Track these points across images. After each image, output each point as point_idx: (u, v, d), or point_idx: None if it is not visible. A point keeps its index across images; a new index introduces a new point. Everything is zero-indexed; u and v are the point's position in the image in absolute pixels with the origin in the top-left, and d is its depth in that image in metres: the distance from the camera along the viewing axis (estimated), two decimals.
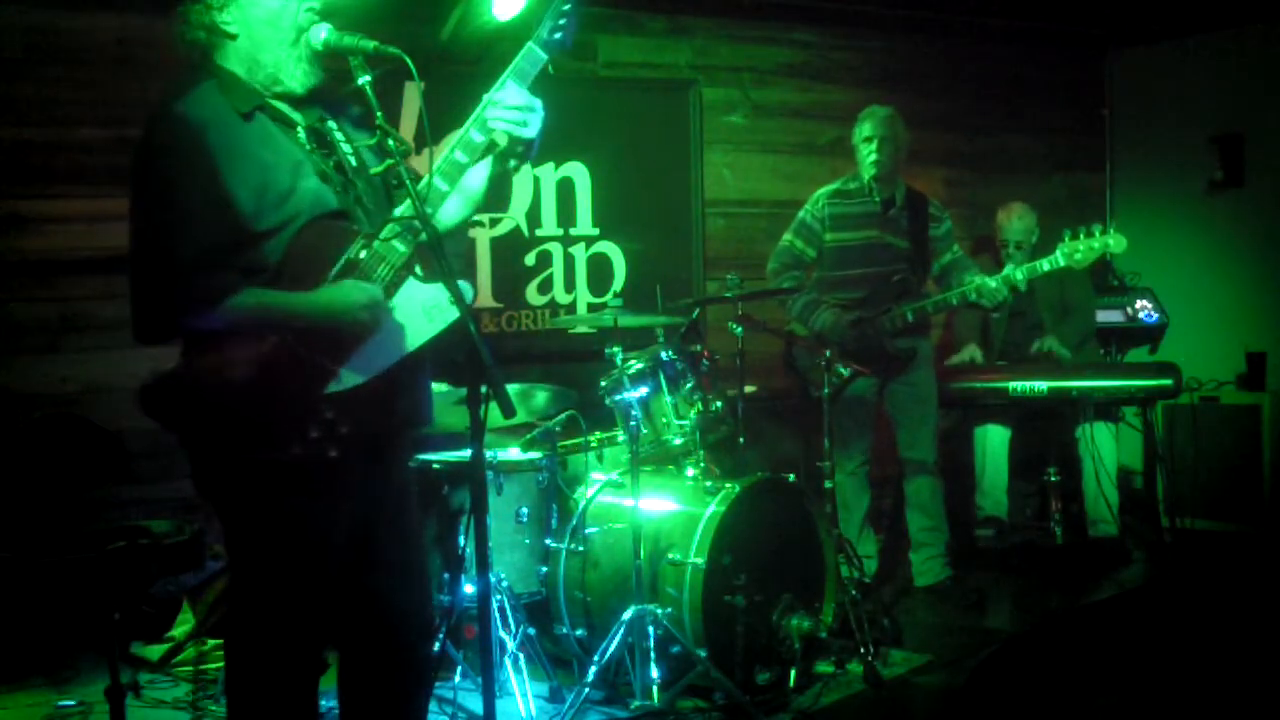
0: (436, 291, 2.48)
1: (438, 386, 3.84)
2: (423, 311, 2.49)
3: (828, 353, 4.41)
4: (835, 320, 5.01)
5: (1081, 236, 4.82)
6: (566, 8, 2.55)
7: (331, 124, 2.62)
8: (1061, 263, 4.82)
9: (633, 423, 3.92)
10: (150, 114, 2.44)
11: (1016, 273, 4.88)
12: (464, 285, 2.42)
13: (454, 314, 2.44)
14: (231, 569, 2.64)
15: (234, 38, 2.50)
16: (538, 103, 2.57)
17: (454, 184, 2.57)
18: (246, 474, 2.42)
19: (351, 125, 2.67)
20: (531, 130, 2.58)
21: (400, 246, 2.49)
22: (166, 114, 2.41)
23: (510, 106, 2.54)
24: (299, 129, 2.55)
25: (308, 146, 2.54)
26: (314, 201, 2.46)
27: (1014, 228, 5.80)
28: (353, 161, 2.61)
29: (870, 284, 5.04)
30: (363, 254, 2.47)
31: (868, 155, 5.04)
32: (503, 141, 2.63)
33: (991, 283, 4.88)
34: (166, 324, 2.41)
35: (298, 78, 2.53)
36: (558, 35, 2.56)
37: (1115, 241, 4.81)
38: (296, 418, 2.38)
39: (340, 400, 2.41)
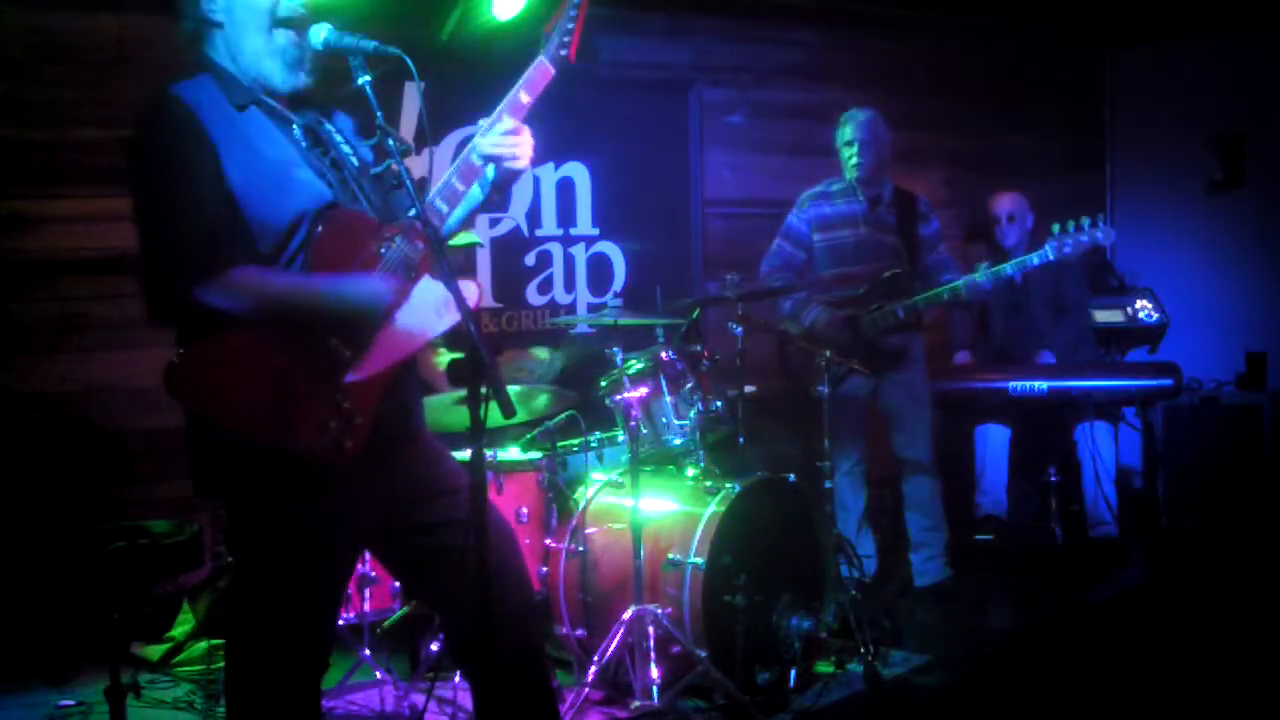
0: (447, 290, 2.50)
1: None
2: (434, 308, 2.52)
3: (828, 353, 4.41)
4: (829, 318, 5.01)
5: (1071, 230, 4.83)
6: (571, 26, 2.58)
7: (329, 126, 2.63)
8: (1050, 256, 4.82)
9: (633, 423, 3.92)
10: (146, 97, 2.44)
11: (1005, 267, 4.91)
12: (468, 285, 2.45)
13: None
14: (235, 566, 2.63)
15: (220, 26, 2.51)
16: (528, 131, 2.60)
17: (453, 207, 2.60)
18: (255, 469, 2.41)
19: (351, 131, 2.69)
20: (523, 161, 2.60)
21: (419, 244, 2.52)
22: (162, 94, 2.43)
23: (505, 133, 2.57)
24: (294, 126, 2.56)
25: (303, 143, 2.55)
26: (310, 194, 2.47)
27: (1004, 202, 5.85)
28: (354, 161, 2.62)
29: (863, 281, 5.05)
30: (383, 250, 2.50)
31: (850, 159, 5.06)
32: (492, 173, 2.65)
33: (979, 277, 4.89)
34: (175, 296, 2.37)
35: (277, 73, 2.52)
36: (564, 51, 2.59)
37: (1104, 234, 4.82)
38: (316, 407, 2.38)
39: (356, 391, 2.42)
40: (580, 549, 4.03)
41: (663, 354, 4.13)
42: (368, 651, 3.88)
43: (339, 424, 2.39)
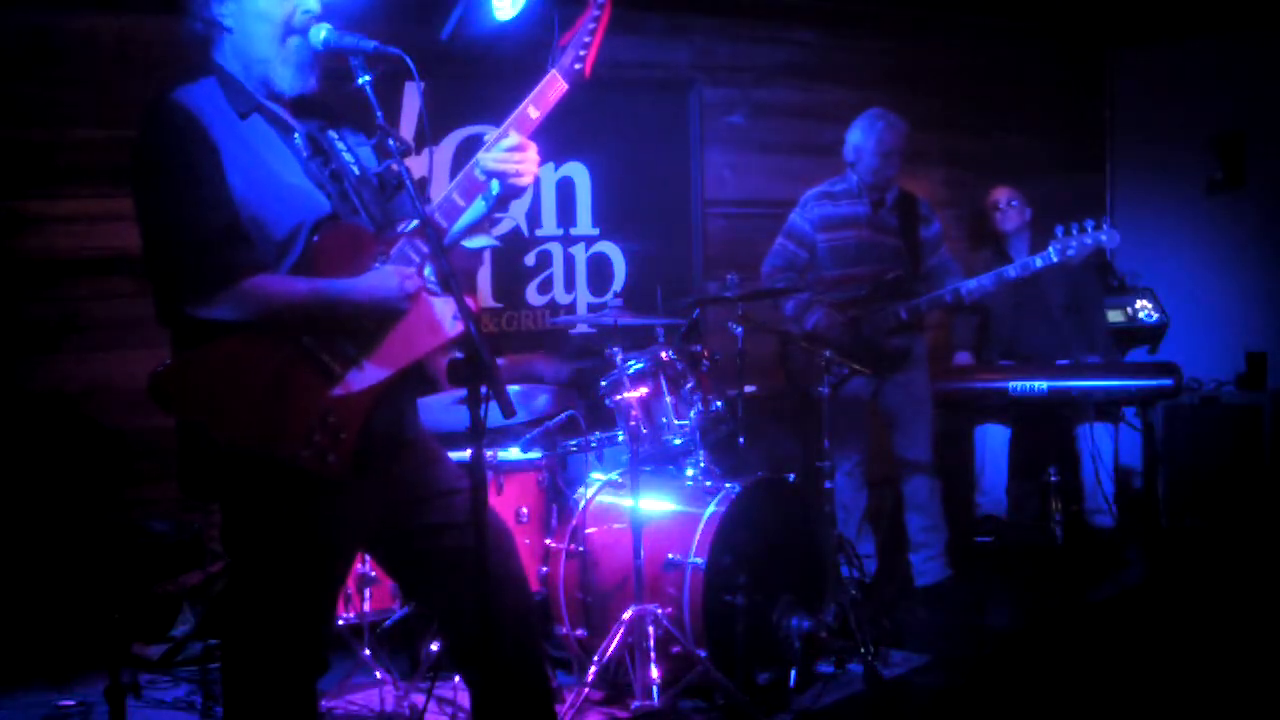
0: (442, 304, 2.49)
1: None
2: (427, 323, 2.50)
3: (828, 353, 4.41)
4: (830, 320, 5.01)
5: (1074, 232, 4.83)
6: (589, 39, 2.55)
7: (332, 134, 2.62)
8: (1054, 259, 4.82)
9: (633, 423, 3.92)
10: (149, 99, 2.43)
11: (1009, 270, 4.91)
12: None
13: (458, 328, 2.44)
14: (230, 566, 2.62)
15: (229, 31, 2.50)
16: (534, 148, 2.56)
17: (453, 222, 2.58)
18: (246, 474, 2.41)
19: (354, 137, 2.67)
20: (527, 179, 2.56)
21: (413, 255, 2.50)
22: (165, 99, 2.42)
23: (510, 149, 2.53)
24: (296, 135, 2.55)
25: (305, 153, 2.54)
26: (309, 205, 2.46)
27: (1002, 191, 5.90)
28: (355, 171, 2.60)
29: (866, 283, 5.05)
30: (381, 262, 2.49)
31: (885, 168, 5.02)
32: (496, 188, 2.60)
33: (985, 280, 4.90)
34: (180, 306, 2.37)
35: (286, 78, 2.51)
36: (578, 65, 2.56)
37: (1108, 236, 4.82)
38: (301, 419, 2.38)
39: (343, 406, 2.41)
40: (580, 549, 4.03)
41: (663, 354, 4.13)
42: (368, 651, 3.88)
43: (324, 437, 2.39)
